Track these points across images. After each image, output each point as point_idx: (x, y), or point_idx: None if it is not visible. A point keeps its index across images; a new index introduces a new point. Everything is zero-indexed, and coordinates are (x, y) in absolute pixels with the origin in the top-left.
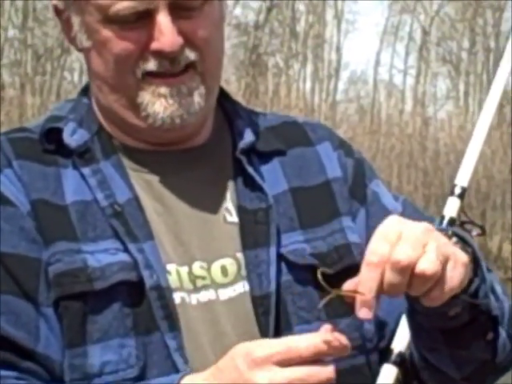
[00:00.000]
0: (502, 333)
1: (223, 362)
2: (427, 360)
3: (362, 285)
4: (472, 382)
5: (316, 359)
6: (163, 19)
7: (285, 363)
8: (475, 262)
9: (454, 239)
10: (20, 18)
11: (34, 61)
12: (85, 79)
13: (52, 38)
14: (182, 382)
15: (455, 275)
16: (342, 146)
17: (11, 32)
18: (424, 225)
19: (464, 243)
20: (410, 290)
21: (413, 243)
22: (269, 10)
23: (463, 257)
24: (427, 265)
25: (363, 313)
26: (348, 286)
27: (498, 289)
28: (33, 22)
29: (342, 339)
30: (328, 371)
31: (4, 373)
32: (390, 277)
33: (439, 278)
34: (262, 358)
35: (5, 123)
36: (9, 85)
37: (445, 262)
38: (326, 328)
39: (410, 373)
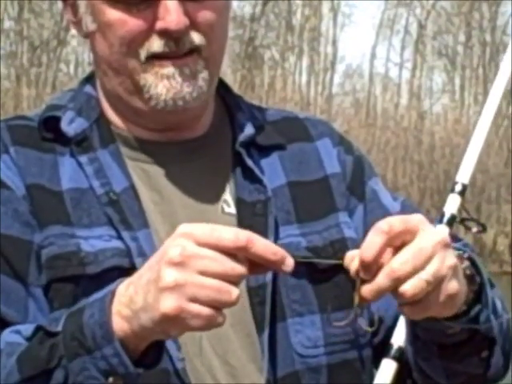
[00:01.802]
0: (497, 350)
1: None
2: (420, 367)
3: (366, 247)
4: None
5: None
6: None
7: (204, 245)
8: (480, 287)
9: (466, 263)
10: (16, 9)
11: (30, 52)
12: (80, 71)
13: (48, 29)
14: (120, 286)
15: (436, 303)
16: (342, 143)
17: (7, 23)
18: (442, 238)
19: (475, 268)
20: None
21: (417, 253)
22: (265, 2)
23: (454, 288)
24: (409, 287)
25: (364, 274)
26: (350, 254)
27: (498, 304)
28: (29, 14)
29: (273, 247)
30: (235, 294)
31: None
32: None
33: (418, 301)
34: (184, 231)
35: (1, 115)
36: (4, 76)
37: (433, 288)
38: None
39: (405, 370)
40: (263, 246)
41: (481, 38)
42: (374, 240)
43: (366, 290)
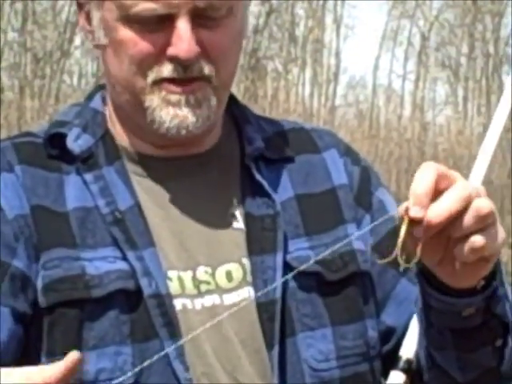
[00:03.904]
0: (510, 342)
1: None
2: (434, 360)
3: (417, 181)
4: None
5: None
6: (183, 25)
7: None
8: (495, 266)
9: None
10: (19, 20)
11: (33, 64)
12: (84, 82)
13: (51, 41)
14: None
15: (498, 238)
16: (349, 154)
17: (10, 35)
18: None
19: None
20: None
21: (468, 188)
22: (268, 14)
23: (502, 235)
24: (485, 204)
25: (414, 210)
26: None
27: (510, 295)
28: (32, 25)
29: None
30: None
31: None
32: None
33: (489, 229)
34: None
35: (4, 126)
36: (8, 88)
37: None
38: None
39: (415, 379)
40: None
41: (484, 50)
42: (425, 175)
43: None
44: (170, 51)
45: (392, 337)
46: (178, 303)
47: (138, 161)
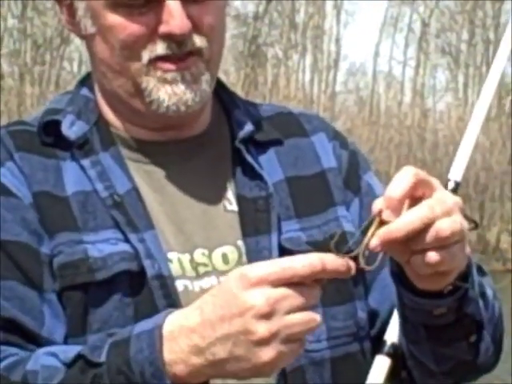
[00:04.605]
0: (487, 337)
1: (217, 288)
2: (411, 351)
3: (394, 185)
4: (451, 378)
5: (313, 280)
6: (173, 3)
7: (280, 283)
8: (467, 267)
9: None
10: (19, 7)
11: (34, 51)
12: (84, 69)
13: (51, 27)
14: (167, 322)
15: (461, 256)
16: (337, 138)
17: (10, 22)
18: (459, 201)
19: None
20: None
21: (442, 203)
22: (268, 1)
23: (468, 250)
24: (446, 226)
25: (386, 214)
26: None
27: (489, 293)
28: (32, 12)
29: (340, 260)
30: (318, 317)
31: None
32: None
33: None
34: (256, 277)
35: (4, 113)
36: (8, 74)
37: (459, 240)
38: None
39: (399, 362)
40: (332, 261)
41: (484, 36)
42: (403, 179)
43: (392, 227)
44: (163, 29)
45: (376, 320)
46: (179, 284)
47: (132, 146)
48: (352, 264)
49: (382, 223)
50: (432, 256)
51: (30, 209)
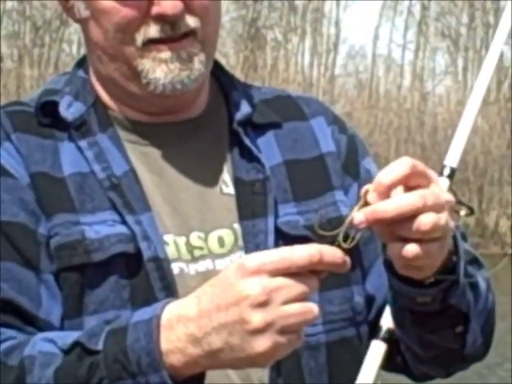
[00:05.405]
0: (475, 328)
1: (216, 278)
2: (400, 334)
3: (387, 171)
4: (438, 364)
5: (311, 271)
6: None
7: (278, 273)
8: (454, 265)
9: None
10: None
11: (33, 33)
12: (83, 51)
13: (50, 9)
14: (165, 312)
15: (438, 255)
16: (336, 122)
17: (9, 3)
18: (452, 199)
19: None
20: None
21: (436, 197)
22: None
23: (450, 246)
24: (428, 221)
25: (371, 196)
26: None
27: (482, 285)
28: None
29: (339, 252)
30: (315, 309)
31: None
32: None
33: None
34: (254, 267)
35: (3, 95)
36: (7, 56)
37: (441, 237)
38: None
39: (394, 348)
40: (329, 253)
41: (484, 20)
42: (397, 167)
43: (380, 207)
44: (155, 10)
45: (372, 305)
46: (175, 267)
47: (130, 128)
48: (348, 259)
49: (367, 204)
50: (409, 249)
51: (28, 189)
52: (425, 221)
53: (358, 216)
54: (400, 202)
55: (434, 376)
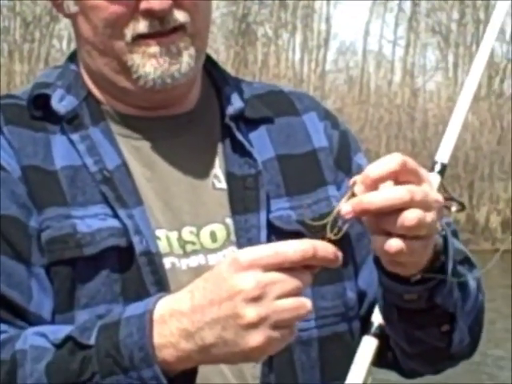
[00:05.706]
0: (462, 328)
1: (209, 272)
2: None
3: (376, 165)
4: (425, 361)
5: (304, 266)
6: None
7: (272, 268)
8: (443, 265)
9: (440, 240)
10: None
11: (23, 28)
12: (73, 47)
13: (40, 5)
14: (158, 307)
15: (422, 254)
16: (328, 117)
17: None
18: (442, 201)
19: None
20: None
21: (425, 195)
22: None
23: (438, 244)
24: (413, 216)
25: (358, 187)
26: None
27: (472, 285)
28: None
29: (331, 248)
30: (308, 304)
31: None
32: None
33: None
34: (247, 261)
35: None
36: None
37: (426, 235)
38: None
39: (385, 343)
40: (322, 248)
41: (474, 16)
42: (386, 162)
43: (367, 199)
44: (143, 5)
45: (364, 301)
46: (167, 262)
47: (122, 122)
48: (340, 254)
49: (354, 196)
50: (392, 244)
51: (19, 182)
52: (410, 216)
53: (345, 207)
54: (387, 194)
55: (422, 373)
